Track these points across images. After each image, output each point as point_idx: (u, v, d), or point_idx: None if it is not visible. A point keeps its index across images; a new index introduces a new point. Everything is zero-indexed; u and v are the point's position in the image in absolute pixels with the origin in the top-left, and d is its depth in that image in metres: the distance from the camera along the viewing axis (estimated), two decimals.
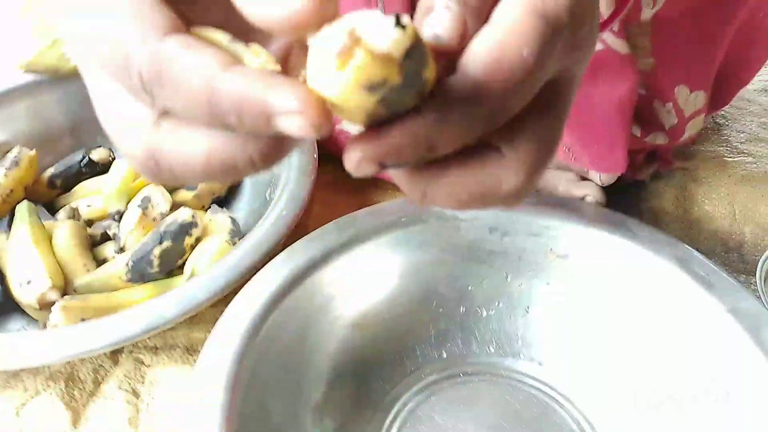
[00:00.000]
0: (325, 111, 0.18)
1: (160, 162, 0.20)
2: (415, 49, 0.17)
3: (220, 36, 0.20)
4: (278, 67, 0.19)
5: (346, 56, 0.17)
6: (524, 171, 0.21)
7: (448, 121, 0.19)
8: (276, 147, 0.19)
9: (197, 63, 0.18)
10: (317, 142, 0.57)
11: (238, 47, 0.20)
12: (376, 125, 0.19)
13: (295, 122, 0.17)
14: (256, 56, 0.19)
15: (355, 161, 0.19)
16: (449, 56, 0.20)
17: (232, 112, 0.18)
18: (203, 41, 0.19)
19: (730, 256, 0.52)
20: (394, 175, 0.22)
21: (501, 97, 0.19)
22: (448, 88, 0.19)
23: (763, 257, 0.47)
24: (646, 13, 0.44)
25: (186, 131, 0.20)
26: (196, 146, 0.19)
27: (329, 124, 0.18)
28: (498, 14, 0.20)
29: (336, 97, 0.18)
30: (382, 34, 0.17)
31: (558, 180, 0.53)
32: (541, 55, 0.19)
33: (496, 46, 0.19)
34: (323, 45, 0.17)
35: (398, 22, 0.17)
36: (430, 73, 0.19)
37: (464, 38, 0.20)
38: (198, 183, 0.19)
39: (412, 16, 0.21)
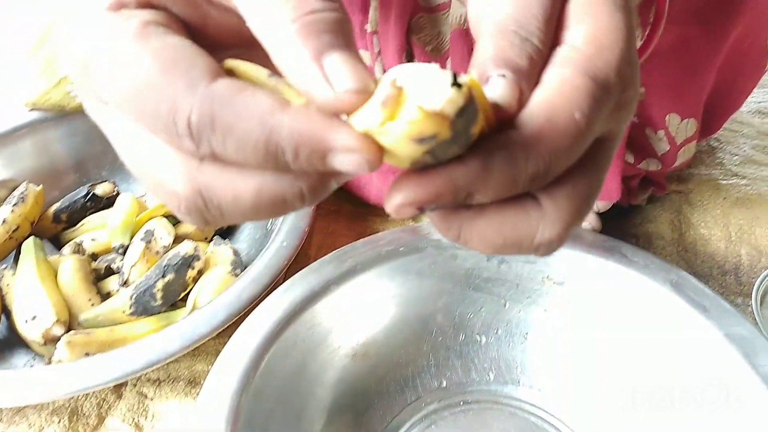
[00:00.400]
0: (378, 149, 0.19)
1: (209, 201, 0.20)
2: (468, 107, 0.18)
3: (259, 71, 0.21)
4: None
5: (391, 107, 0.18)
6: (561, 224, 0.21)
7: (491, 172, 0.19)
8: (325, 181, 0.20)
9: (252, 105, 0.18)
10: None
11: (278, 82, 0.20)
12: (419, 169, 0.20)
13: (351, 159, 0.18)
14: (298, 97, 0.20)
15: (397, 205, 0.20)
16: (506, 118, 0.20)
17: (289, 150, 0.18)
18: (250, 83, 0.19)
19: (726, 279, 0.52)
20: (429, 213, 0.22)
21: (549, 157, 0.20)
22: (497, 143, 0.19)
23: (759, 280, 0.48)
24: (636, 45, 0.46)
25: (235, 170, 0.20)
26: (245, 184, 0.20)
27: (380, 161, 0.19)
28: (550, 75, 0.20)
29: (386, 145, 0.18)
30: (438, 92, 0.18)
31: None
32: (592, 117, 0.20)
33: (549, 107, 0.20)
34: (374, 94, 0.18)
35: (455, 81, 0.18)
36: (478, 128, 0.19)
37: (521, 103, 0.20)
38: (245, 221, 0.19)
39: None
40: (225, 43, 0.23)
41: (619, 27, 0.21)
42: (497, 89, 0.20)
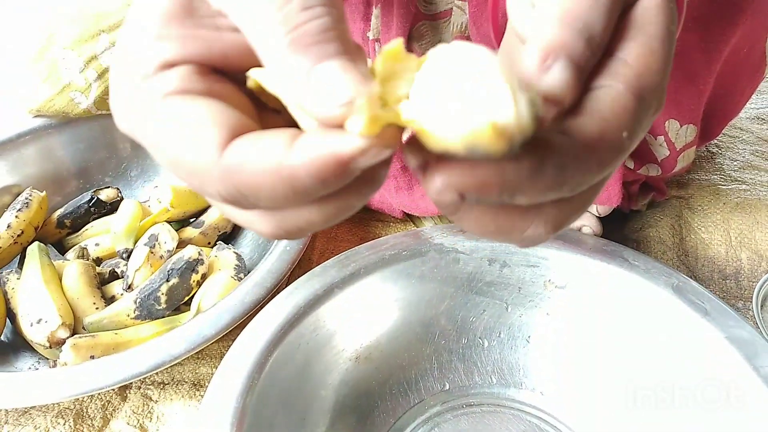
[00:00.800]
0: (395, 134, 0.19)
1: (288, 234, 0.22)
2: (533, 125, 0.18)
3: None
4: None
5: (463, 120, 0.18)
6: (553, 226, 0.22)
7: (541, 176, 0.19)
8: (374, 176, 0.21)
9: (264, 163, 0.19)
10: None
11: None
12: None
13: (372, 154, 0.19)
14: (310, 115, 0.20)
15: (440, 187, 0.19)
16: (555, 106, 0.20)
17: (314, 185, 0.19)
18: (259, 133, 0.20)
19: (727, 283, 0.52)
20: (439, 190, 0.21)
21: (596, 170, 0.20)
22: (551, 148, 0.20)
23: (760, 283, 0.48)
24: None
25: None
26: (311, 214, 0.21)
27: (398, 142, 0.19)
28: (602, 85, 0.21)
29: (450, 146, 0.18)
30: (505, 104, 0.18)
31: None
32: (634, 137, 0.21)
33: (603, 123, 0.20)
34: (443, 97, 0.18)
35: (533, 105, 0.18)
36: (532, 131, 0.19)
37: (574, 97, 0.21)
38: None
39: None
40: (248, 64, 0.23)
41: (667, 52, 0.22)
42: (556, 80, 0.20)
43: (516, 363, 0.47)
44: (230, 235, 0.62)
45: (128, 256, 0.56)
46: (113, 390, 0.47)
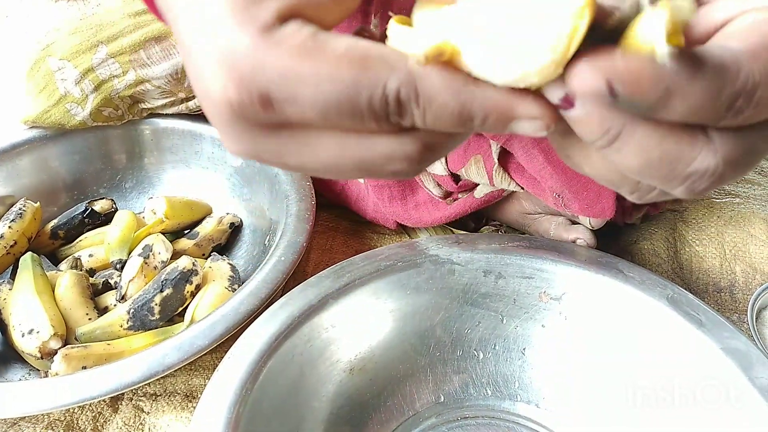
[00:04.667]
0: (553, 115, 0.21)
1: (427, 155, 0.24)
2: None
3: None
4: None
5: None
6: (722, 160, 0.21)
7: (699, 79, 0.19)
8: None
9: (447, 79, 0.21)
10: (315, 190, 0.58)
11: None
12: None
13: (533, 125, 0.21)
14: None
15: (589, 79, 0.19)
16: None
17: (480, 117, 0.21)
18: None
19: (722, 296, 0.52)
20: (587, 107, 0.21)
21: (755, 84, 0.20)
22: (710, 53, 0.19)
23: (754, 296, 0.48)
24: None
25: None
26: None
27: (554, 124, 0.21)
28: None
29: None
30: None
31: (549, 224, 0.54)
32: None
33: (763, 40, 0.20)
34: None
35: None
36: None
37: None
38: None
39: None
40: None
41: None
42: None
43: (511, 375, 0.47)
44: (225, 246, 0.62)
45: (122, 267, 0.55)
46: (104, 401, 0.46)
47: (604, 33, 0.20)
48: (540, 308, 0.47)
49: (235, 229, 0.62)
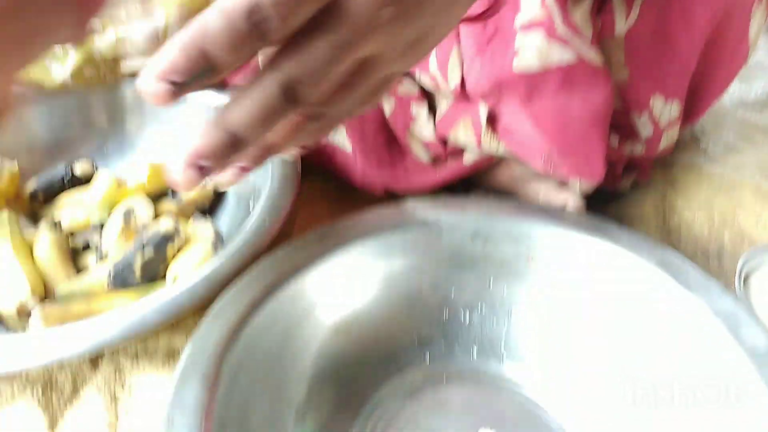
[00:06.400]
0: None
1: None
2: None
3: None
4: None
5: None
6: (290, 79, 0.24)
7: (212, 30, 0.22)
8: None
9: None
10: (301, 156, 0.57)
11: None
12: None
13: None
14: None
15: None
16: None
17: None
18: None
19: (710, 263, 0.52)
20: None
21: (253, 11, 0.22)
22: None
23: (741, 261, 0.48)
24: (620, 29, 0.46)
25: None
26: None
27: None
28: None
29: None
30: None
31: (538, 188, 0.54)
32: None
33: None
34: None
35: None
36: None
37: None
38: None
39: None
40: None
41: None
42: None
43: (497, 337, 0.47)
44: (208, 210, 0.61)
45: (102, 228, 0.54)
46: (84, 360, 0.45)
47: None
48: (527, 271, 0.46)
49: (219, 193, 0.61)
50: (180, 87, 0.22)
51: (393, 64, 0.29)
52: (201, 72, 0.22)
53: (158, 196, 0.60)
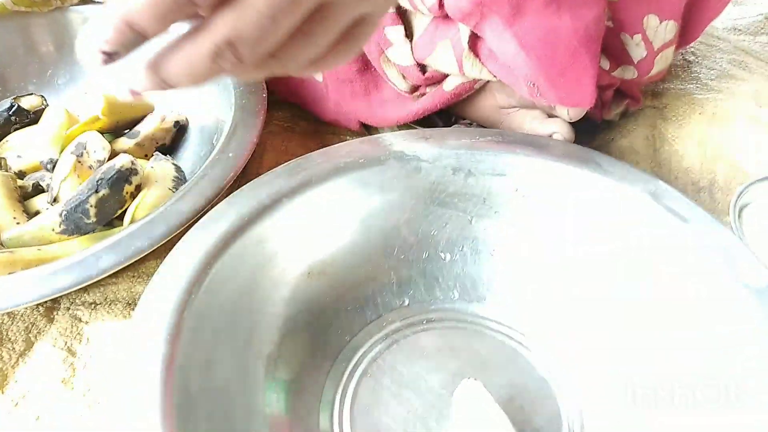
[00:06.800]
0: None
1: None
2: None
3: None
4: None
5: None
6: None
7: None
8: None
9: None
10: (267, 85, 0.53)
11: None
12: None
13: None
14: None
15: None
16: None
17: None
18: None
19: (701, 196, 0.50)
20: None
21: None
22: None
23: (736, 195, 0.46)
24: None
25: None
26: None
27: None
28: None
29: None
30: None
31: (524, 118, 0.50)
32: None
33: None
34: None
35: None
36: None
37: None
38: None
39: None
40: None
41: None
42: None
43: (479, 277, 0.44)
44: (169, 148, 0.56)
45: (53, 167, 0.50)
46: (38, 311, 0.42)
47: None
48: (512, 207, 0.44)
49: (181, 129, 0.57)
50: (114, 55, 0.23)
51: (356, 5, 0.26)
52: (132, 42, 0.23)
53: (115, 133, 0.55)
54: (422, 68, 0.50)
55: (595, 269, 0.41)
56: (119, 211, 0.46)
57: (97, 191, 0.45)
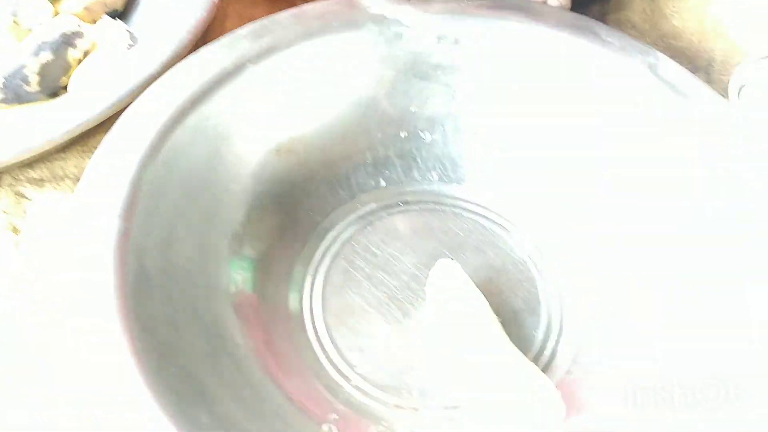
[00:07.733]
0: None
1: None
2: None
3: None
4: None
5: None
6: None
7: None
8: None
9: None
10: None
11: None
12: None
13: None
14: None
15: None
16: None
17: None
18: None
19: (698, 75, 0.47)
20: None
21: None
22: None
23: (737, 71, 0.43)
24: None
25: None
26: None
27: None
28: None
29: None
30: None
31: None
32: None
33: None
34: None
35: None
36: None
37: None
38: None
39: None
40: None
41: None
42: None
43: (460, 158, 0.41)
44: (123, 14, 0.50)
45: None
46: None
47: None
48: (500, 81, 0.40)
49: None
50: None
51: None
52: None
53: None
54: None
55: (589, 145, 0.38)
56: (65, 80, 0.42)
57: (37, 55, 0.40)
